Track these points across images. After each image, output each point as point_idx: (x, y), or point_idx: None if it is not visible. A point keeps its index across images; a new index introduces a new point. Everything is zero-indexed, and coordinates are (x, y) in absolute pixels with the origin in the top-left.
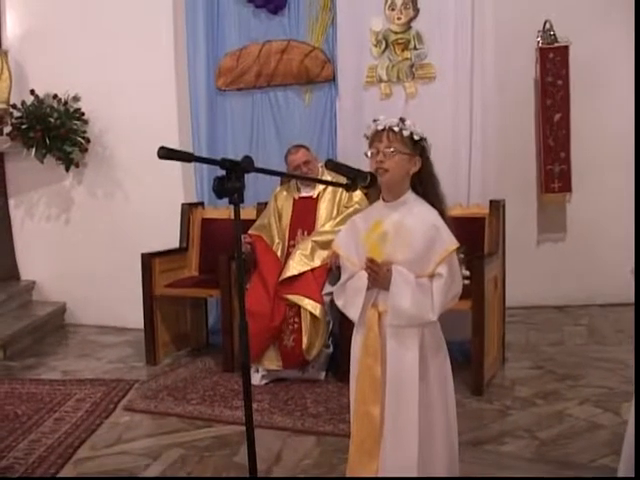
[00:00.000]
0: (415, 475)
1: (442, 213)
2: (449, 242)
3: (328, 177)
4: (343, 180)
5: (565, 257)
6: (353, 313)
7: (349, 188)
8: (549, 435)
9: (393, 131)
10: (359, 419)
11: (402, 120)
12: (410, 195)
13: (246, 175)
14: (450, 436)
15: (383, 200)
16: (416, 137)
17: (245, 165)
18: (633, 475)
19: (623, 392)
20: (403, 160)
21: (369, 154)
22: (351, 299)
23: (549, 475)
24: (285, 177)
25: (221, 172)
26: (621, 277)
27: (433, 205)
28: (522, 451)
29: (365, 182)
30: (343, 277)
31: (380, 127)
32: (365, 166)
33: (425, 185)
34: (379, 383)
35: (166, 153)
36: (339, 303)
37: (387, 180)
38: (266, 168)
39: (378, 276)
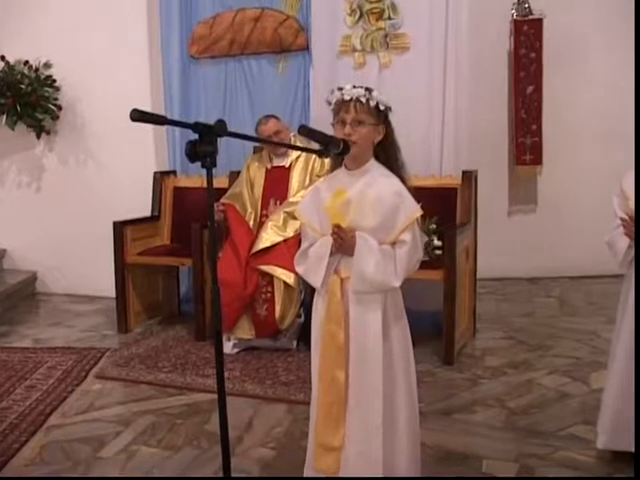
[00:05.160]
0: (380, 439)
1: (403, 179)
2: (413, 209)
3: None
4: (316, 147)
5: (536, 229)
6: (315, 279)
7: (322, 154)
8: (519, 404)
9: (360, 102)
10: (325, 385)
11: (369, 90)
12: (373, 163)
13: (218, 143)
14: (412, 399)
15: (346, 168)
16: (382, 106)
17: (218, 129)
18: (614, 447)
19: (592, 362)
20: (370, 131)
21: (334, 123)
22: (314, 265)
23: (518, 444)
24: (258, 142)
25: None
26: (592, 249)
27: (394, 171)
28: (492, 420)
29: (338, 149)
30: (304, 244)
31: (347, 97)
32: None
33: (388, 153)
34: (343, 349)
35: (139, 115)
36: (300, 270)
37: (355, 152)
38: (239, 132)
39: (344, 242)
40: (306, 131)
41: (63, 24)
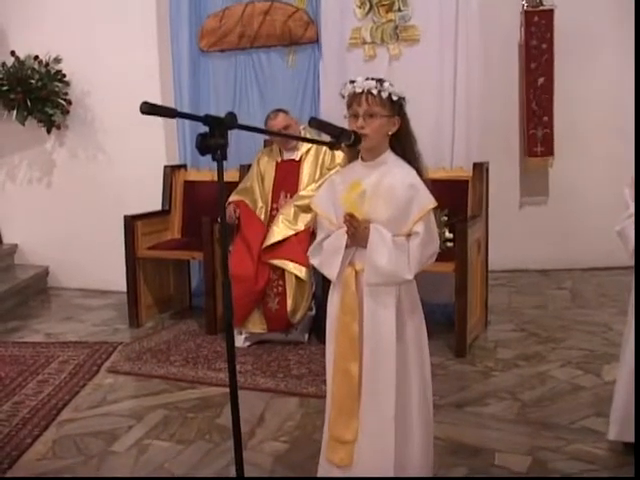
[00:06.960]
0: (392, 432)
1: (419, 171)
2: (427, 201)
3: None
4: (326, 139)
5: (548, 221)
6: (330, 272)
7: (333, 146)
8: (531, 397)
9: (372, 94)
10: (338, 377)
11: (380, 81)
12: (389, 155)
13: (229, 136)
14: (426, 393)
15: (362, 160)
16: (394, 97)
17: (228, 121)
18: (624, 438)
19: (604, 354)
20: (383, 123)
21: (347, 116)
22: (329, 258)
23: (530, 437)
24: (269, 135)
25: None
26: (603, 241)
27: (411, 163)
28: (504, 412)
29: (349, 140)
30: (319, 236)
31: (358, 90)
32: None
33: (403, 144)
34: (357, 341)
35: (149, 108)
36: (315, 262)
37: (368, 145)
38: (249, 125)
39: (357, 232)
40: (317, 123)
41: (72, 19)
